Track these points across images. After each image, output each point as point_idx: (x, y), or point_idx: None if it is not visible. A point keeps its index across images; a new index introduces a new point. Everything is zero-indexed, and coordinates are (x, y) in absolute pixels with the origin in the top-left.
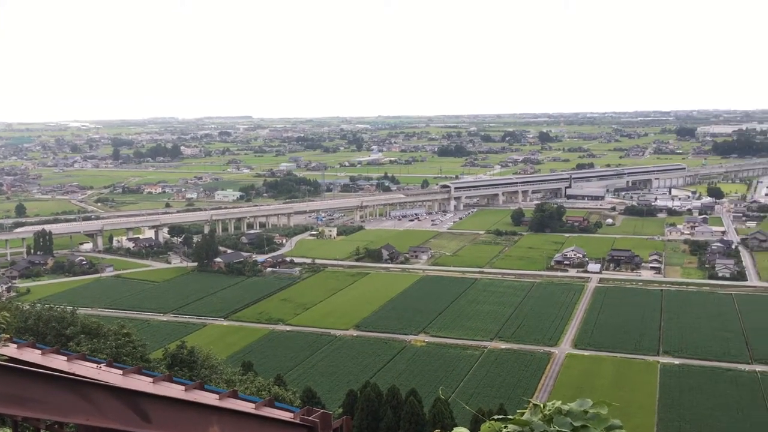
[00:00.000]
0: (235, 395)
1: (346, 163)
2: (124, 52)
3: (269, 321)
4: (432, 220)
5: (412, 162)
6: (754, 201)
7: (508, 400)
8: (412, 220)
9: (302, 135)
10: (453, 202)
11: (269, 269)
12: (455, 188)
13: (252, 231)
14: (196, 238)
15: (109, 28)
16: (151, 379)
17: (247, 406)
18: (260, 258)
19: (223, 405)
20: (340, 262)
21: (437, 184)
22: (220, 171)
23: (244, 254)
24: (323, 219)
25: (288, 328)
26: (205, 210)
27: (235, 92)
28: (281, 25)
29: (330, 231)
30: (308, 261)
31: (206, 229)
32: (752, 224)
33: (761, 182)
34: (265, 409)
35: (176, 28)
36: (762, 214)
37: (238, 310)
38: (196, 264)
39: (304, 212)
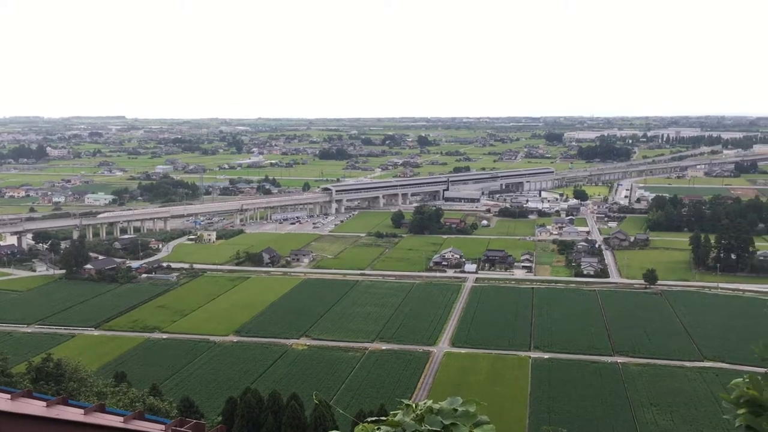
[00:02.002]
0: (102, 409)
1: (226, 166)
2: None
3: (144, 329)
4: (314, 223)
5: (293, 165)
6: (615, 203)
7: (389, 400)
8: (293, 224)
9: (179, 136)
10: (334, 205)
11: (144, 275)
12: (336, 191)
13: (126, 236)
14: (64, 244)
15: None
16: (8, 396)
17: (114, 420)
18: (135, 264)
19: (88, 420)
20: (219, 267)
21: (319, 187)
22: (91, 173)
23: (118, 260)
24: (202, 223)
25: (165, 335)
26: (74, 214)
27: (108, 91)
28: (154, 20)
29: (209, 235)
30: (186, 266)
31: (75, 235)
32: (613, 224)
33: (621, 185)
34: (134, 422)
35: (38, 19)
36: (622, 215)
37: (110, 318)
38: (64, 272)
39: (182, 216)
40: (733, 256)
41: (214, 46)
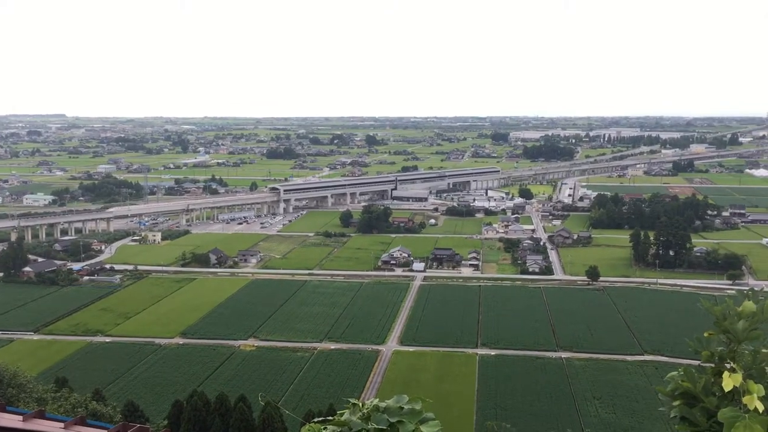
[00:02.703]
0: (41, 415)
1: (171, 165)
2: None
3: (87, 333)
4: (261, 223)
5: (240, 164)
6: (559, 201)
7: (338, 400)
8: (240, 224)
9: (123, 135)
10: (282, 205)
11: (86, 278)
12: (284, 191)
13: (67, 237)
14: (1, 246)
15: None
16: None
17: (55, 427)
18: (76, 266)
19: (26, 427)
20: (165, 268)
21: (266, 187)
22: (30, 173)
23: (58, 262)
24: (146, 223)
25: (108, 339)
26: (12, 215)
27: (47, 88)
28: (94, 15)
29: (154, 236)
30: (130, 268)
31: (13, 236)
32: (557, 222)
33: (565, 183)
34: (75, 428)
35: None
36: (566, 213)
37: (50, 322)
38: (1, 274)
39: (126, 217)
40: (671, 253)
41: (157, 42)
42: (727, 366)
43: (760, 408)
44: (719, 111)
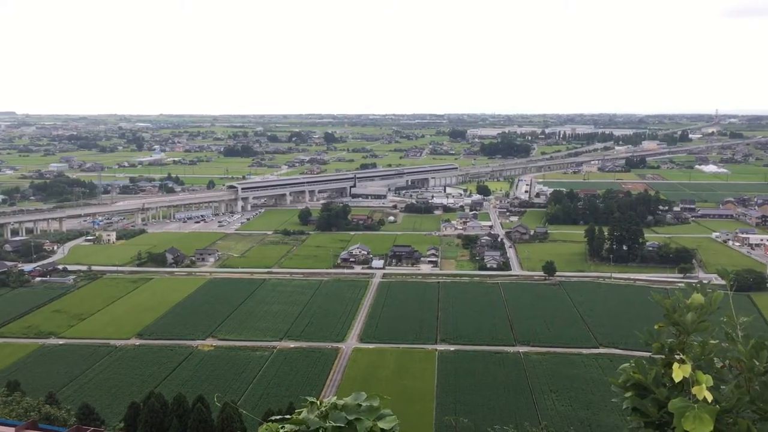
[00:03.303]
0: None
1: (126, 164)
2: None
3: (39, 335)
4: (219, 222)
5: (197, 162)
6: (516, 197)
7: (298, 398)
8: (198, 222)
9: (75, 133)
10: (240, 203)
11: (38, 279)
12: (242, 189)
13: (17, 238)
14: None
15: None
16: None
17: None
18: (27, 267)
19: None
20: (120, 269)
21: (224, 185)
22: None
23: (8, 263)
24: (101, 223)
25: (61, 341)
26: None
27: None
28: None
29: (108, 236)
30: (84, 268)
31: None
32: (514, 219)
33: (521, 180)
34: None
35: None
36: (522, 209)
37: (1, 325)
38: None
39: (79, 216)
40: (624, 247)
41: (110, 37)
42: (677, 357)
43: (709, 398)
44: (670, 109)
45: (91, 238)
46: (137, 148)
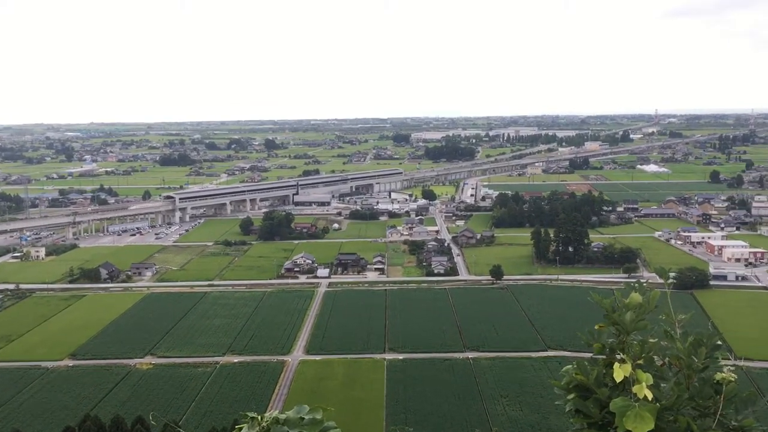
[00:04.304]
0: None
1: (55, 175)
2: None
3: None
4: (156, 234)
5: (131, 172)
6: (462, 201)
7: (243, 415)
8: (133, 235)
9: None
10: (178, 214)
11: None
12: (180, 199)
13: None
14: None
15: None
16: None
17: None
18: None
19: None
20: (50, 286)
21: (160, 195)
22: None
23: None
24: (28, 238)
25: None
26: None
27: None
28: None
29: (37, 252)
30: (11, 287)
31: None
32: (461, 223)
33: (467, 184)
34: None
35: None
36: (469, 213)
37: None
38: None
39: (5, 232)
40: (570, 249)
41: (35, 42)
42: (618, 357)
43: (650, 396)
44: (611, 109)
45: (19, 254)
46: (67, 159)
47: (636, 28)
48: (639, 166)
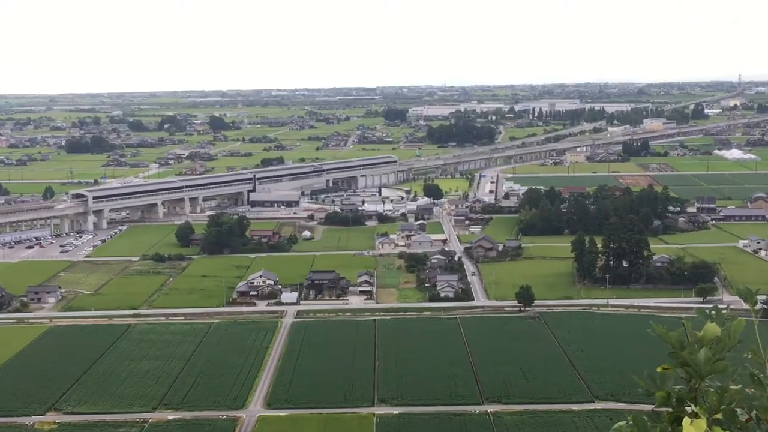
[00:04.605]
0: None
1: None
2: None
3: None
4: (62, 246)
5: (28, 162)
6: (478, 200)
7: None
8: (30, 247)
9: None
10: (92, 218)
11: None
12: (94, 198)
13: None
14: None
15: None
16: None
17: None
18: None
19: None
20: None
21: (68, 194)
22: None
23: None
24: None
25: None
26: None
27: None
28: None
29: None
30: None
31: None
32: (476, 229)
33: (484, 176)
34: None
35: None
36: (487, 216)
37: None
38: None
39: None
40: (625, 264)
41: None
42: (688, 410)
43: None
44: (679, 75)
45: None
46: None
47: None
48: (717, 152)
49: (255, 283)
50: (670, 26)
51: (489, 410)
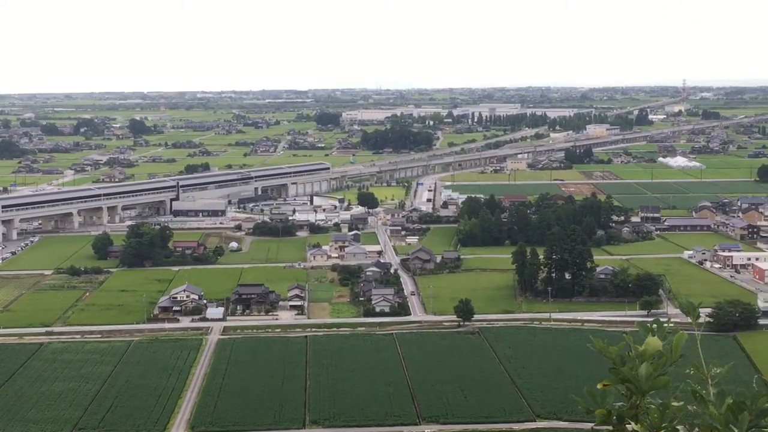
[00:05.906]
0: None
1: None
2: None
3: None
4: None
5: None
6: (415, 209)
7: None
8: None
9: None
10: (1, 229)
11: None
12: (4, 207)
13: None
14: None
15: None
16: None
17: None
18: None
19: None
20: None
21: None
22: None
23: None
24: None
25: None
26: None
27: None
28: None
29: None
30: None
31: None
32: (413, 240)
33: (421, 184)
34: None
35: None
36: (425, 226)
37: None
38: None
39: None
40: (567, 276)
41: None
42: (629, 427)
43: None
44: (623, 80)
45: None
46: None
47: None
48: (661, 159)
49: (178, 298)
50: (614, 30)
51: (426, 430)
